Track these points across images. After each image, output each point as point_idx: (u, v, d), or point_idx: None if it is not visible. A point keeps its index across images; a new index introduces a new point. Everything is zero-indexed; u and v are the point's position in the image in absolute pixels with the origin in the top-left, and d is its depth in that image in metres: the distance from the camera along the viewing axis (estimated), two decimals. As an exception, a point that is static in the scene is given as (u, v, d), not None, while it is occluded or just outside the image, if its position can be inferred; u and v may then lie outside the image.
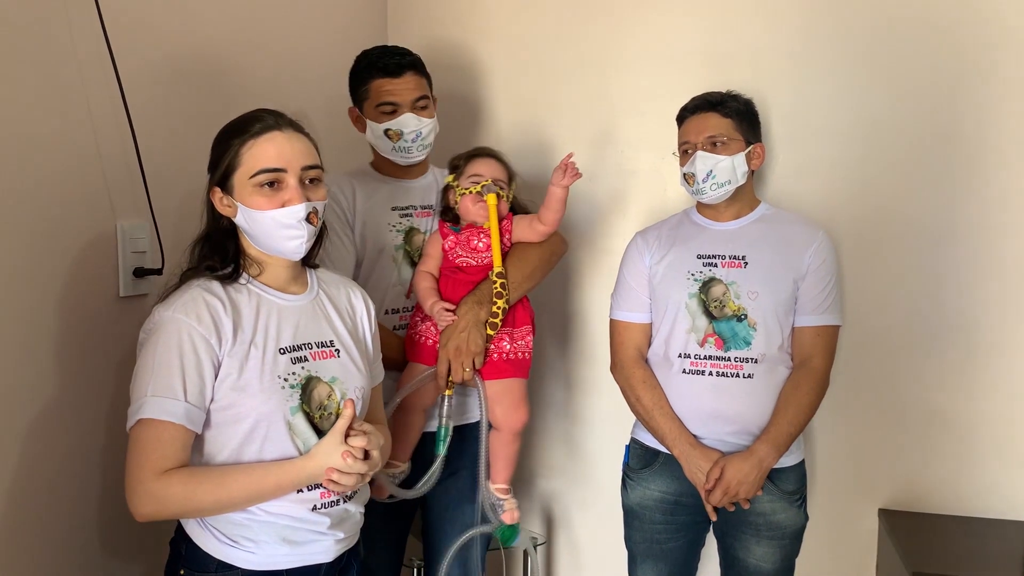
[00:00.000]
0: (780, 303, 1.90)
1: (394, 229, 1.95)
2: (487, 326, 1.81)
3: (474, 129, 2.61)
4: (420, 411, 1.88)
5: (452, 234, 1.88)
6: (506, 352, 1.86)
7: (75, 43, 1.45)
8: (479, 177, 1.87)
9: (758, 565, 1.94)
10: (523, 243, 1.92)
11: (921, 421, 2.24)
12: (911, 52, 2.18)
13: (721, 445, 1.90)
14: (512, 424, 1.88)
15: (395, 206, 1.97)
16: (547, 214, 1.88)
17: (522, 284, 1.88)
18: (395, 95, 1.89)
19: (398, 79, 1.89)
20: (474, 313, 1.81)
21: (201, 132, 1.75)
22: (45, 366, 1.42)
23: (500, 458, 1.90)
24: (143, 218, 1.63)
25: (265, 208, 1.38)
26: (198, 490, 1.31)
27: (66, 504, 1.47)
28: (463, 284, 1.86)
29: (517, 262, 1.88)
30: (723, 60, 2.31)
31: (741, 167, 1.91)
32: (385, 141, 1.92)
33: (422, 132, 1.92)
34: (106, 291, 1.56)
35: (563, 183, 1.83)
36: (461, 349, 1.78)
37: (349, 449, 1.36)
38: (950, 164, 2.17)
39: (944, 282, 2.20)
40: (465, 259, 1.87)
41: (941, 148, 2.18)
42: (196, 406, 1.32)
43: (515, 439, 1.90)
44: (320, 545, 1.42)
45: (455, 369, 1.80)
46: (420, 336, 1.86)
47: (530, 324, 1.92)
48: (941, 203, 2.19)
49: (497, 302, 1.81)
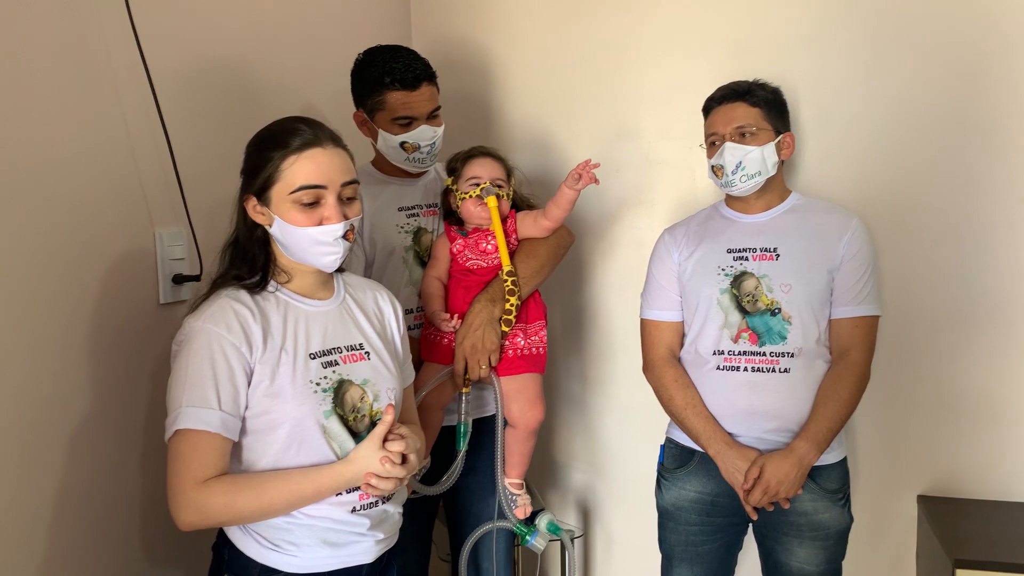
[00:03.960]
0: (814, 295, 1.86)
1: (402, 230, 1.96)
2: (501, 323, 1.82)
3: (491, 125, 2.61)
4: (438, 409, 1.89)
5: (460, 237, 1.89)
6: (520, 348, 1.87)
7: (110, 54, 1.47)
8: (477, 179, 1.87)
9: (801, 568, 1.89)
10: (530, 239, 1.92)
11: (958, 407, 2.22)
12: (942, 37, 2.14)
13: (758, 443, 1.87)
14: (528, 421, 1.89)
15: (401, 206, 1.97)
16: (554, 211, 1.87)
17: (532, 279, 1.88)
18: (413, 108, 1.87)
19: (415, 92, 1.87)
20: (488, 311, 1.82)
21: (230, 136, 1.76)
22: (88, 374, 1.44)
23: (515, 454, 1.91)
24: (180, 225, 1.65)
25: (303, 224, 1.39)
26: (239, 498, 1.33)
27: (107, 510, 1.49)
28: (476, 286, 1.87)
29: (526, 258, 1.89)
30: (747, 48, 2.29)
31: (771, 157, 1.88)
32: (400, 152, 1.91)
33: (436, 142, 1.92)
34: (147, 299, 1.58)
35: (577, 187, 1.83)
36: (477, 347, 1.80)
37: (388, 454, 1.37)
38: (983, 149, 2.14)
39: (980, 268, 2.18)
40: (475, 261, 1.88)
41: (973, 133, 2.15)
42: (231, 414, 1.34)
43: (530, 436, 1.91)
44: (360, 546, 1.43)
45: (471, 367, 1.82)
46: (435, 335, 1.87)
47: (543, 319, 1.92)
48: (974, 188, 2.16)
49: (510, 299, 1.82)
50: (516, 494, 1.93)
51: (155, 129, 1.56)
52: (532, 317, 1.90)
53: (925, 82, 2.17)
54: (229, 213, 1.49)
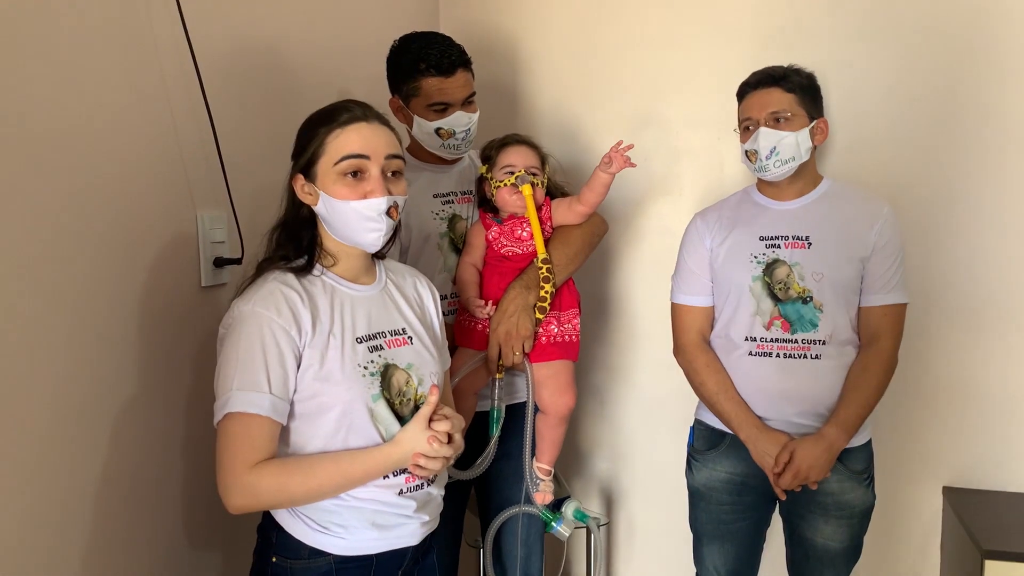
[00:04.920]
0: (846, 283, 1.87)
1: (437, 217, 1.96)
2: (536, 310, 1.83)
3: (518, 113, 2.61)
4: (472, 394, 1.90)
5: (495, 225, 1.90)
6: (554, 335, 1.87)
7: (155, 35, 1.46)
8: (512, 167, 1.87)
9: (826, 544, 1.93)
10: (565, 226, 1.92)
11: (980, 397, 2.24)
12: (969, 28, 2.16)
13: (788, 427, 1.88)
14: (559, 408, 1.89)
15: (436, 193, 1.98)
16: (589, 195, 1.88)
17: (567, 266, 1.89)
18: (448, 95, 1.87)
19: (451, 78, 1.87)
20: (523, 298, 1.83)
21: (270, 120, 1.77)
22: (132, 358, 1.44)
23: (545, 440, 1.92)
24: (221, 208, 1.64)
25: (348, 198, 1.39)
26: (290, 481, 1.33)
27: (150, 494, 1.49)
28: (511, 272, 1.88)
29: (560, 245, 1.89)
30: (774, 36, 2.30)
31: (805, 143, 1.88)
32: (435, 138, 1.91)
33: (471, 129, 1.93)
34: (189, 282, 1.58)
35: (611, 171, 1.83)
36: (511, 333, 1.81)
37: (435, 434, 1.37)
38: (1004, 145, 2.16)
39: (1004, 260, 2.19)
40: (510, 248, 1.88)
41: (997, 124, 2.16)
42: (281, 398, 1.34)
43: (561, 423, 1.92)
44: (407, 528, 1.44)
45: (505, 353, 1.82)
46: (470, 321, 1.88)
47: (576, 307, 1.93)
48: (996, 181, 2.17)
49: (544, 286, 1.83)
50: (542, 479, 1.94)
51: (198, 111, 1.55)
52: (566, 305, 1.91)
53: (947, 77, 2.19)
54: (270, 196, 1.49)
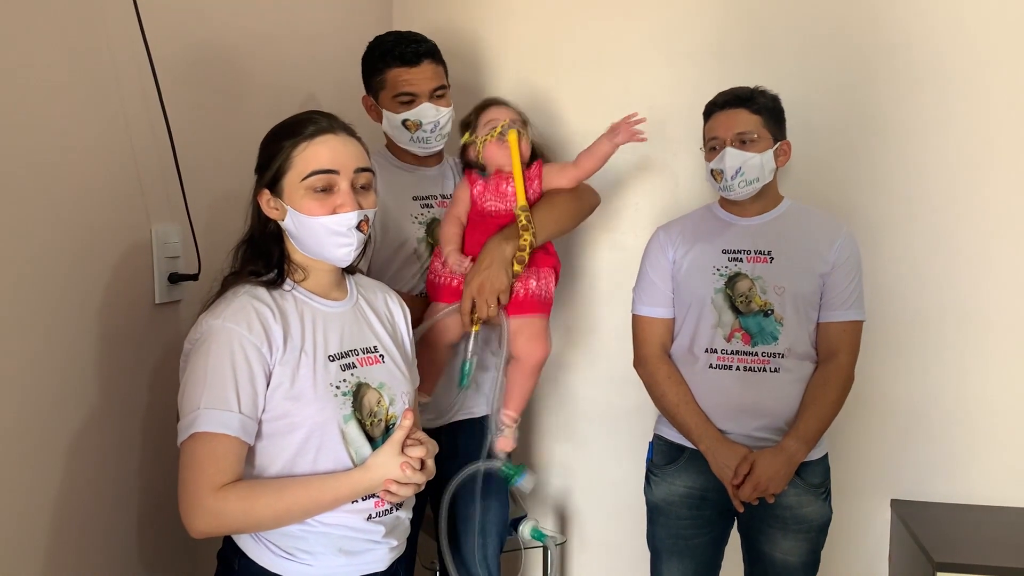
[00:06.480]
0: (806, 298, 1.90)
1: (416, 221, 1.92)
2: (515, 261, 1.76)
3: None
4: (444, 347, 1.84)
5: (480, 180, 1.85)
6: (532, 289, 1.81)
7: (111, 39, 1.39)
8: (495, 121, 1.83)
9: (784, 559, 1.94)
10: (553, 189, 1.87)
11: (928, 412, 2.29)
12: (905, 50, 2.23)
13: (747, 440, 1.90)
14: (534, 356, 1.83)
15: (416, 195, 1.94)
16: (586, 161, 1.84)
17: (549, 226, 1.83)
18: (413, 85, 1.85)
19: (416, 68, 1.85)
20: (500, 250, 1.76)
21: (223, 131, 1.71)
22: (84, 376, 1.36)
23: (515, 386, 1.84)
24: (177, 221, 1.57)
25: (316, 213, 1.34)
26: (256, 505, 1.28)
27: (105, 515, 1.42)
28: (493, 229, 1.82)
29: (545, 205, 1.84)
30: (732, 56, 2.33)
31: (769, 164, 1.91)
32: (403, 132, 1.88)
33: (440, 122, 1.89)
34: (143, 299, 1.50)
35: (616, 141, 1.80)
36: (484, 286, 1.74)
37: (408, 460, 1.33)
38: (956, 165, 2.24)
39: (951, 277, 2.26)
40: (494, 203, 1.83)
41: (942, 143, 2.24)
42: (250, 417, 1.28)
43: (533, 372, 1.85)
44: (375, 554, 1.39)
45: (479, 306, 1.75)
46: (441, 278, 1.82)
47: (552, 268, 1.86)
48: (945, 202, 2.25)
49: (524, 235, 1.76)
50: (506, 426, 1.85)
51: (155, 121, 1.48)
52: (542, 263, 1.85)
53: (900, 98, 2.25)
54: (229, 208, 1.44)
